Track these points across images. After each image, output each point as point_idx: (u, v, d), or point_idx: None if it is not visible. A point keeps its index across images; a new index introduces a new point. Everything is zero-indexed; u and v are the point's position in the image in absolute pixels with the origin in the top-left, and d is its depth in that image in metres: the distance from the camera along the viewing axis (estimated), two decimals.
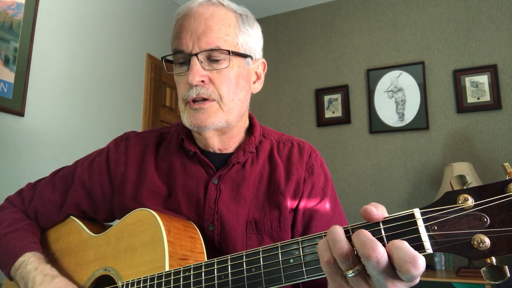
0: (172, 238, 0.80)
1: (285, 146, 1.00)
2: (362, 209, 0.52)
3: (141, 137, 1.04)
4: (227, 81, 0.87)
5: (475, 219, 0.45)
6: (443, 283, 2.68)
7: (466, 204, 0.46)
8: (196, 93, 0.85)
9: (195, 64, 0.84)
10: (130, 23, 3.12)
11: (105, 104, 2.81)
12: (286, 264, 0.59)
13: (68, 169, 1.07)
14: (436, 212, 0.47)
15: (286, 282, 0.59)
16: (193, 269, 0.71)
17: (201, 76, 0.84)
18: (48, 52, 2.37)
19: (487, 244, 0.44)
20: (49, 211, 1.03)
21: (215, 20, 0.86)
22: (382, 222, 0.51)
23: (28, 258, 0.93)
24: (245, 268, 0.64)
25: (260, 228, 0.89)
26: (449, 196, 0.48)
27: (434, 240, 0.47)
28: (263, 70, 1.00)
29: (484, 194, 0.46)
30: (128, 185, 0.96)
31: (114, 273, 0.86)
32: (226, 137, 0.95)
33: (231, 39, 0.87)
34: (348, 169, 3.54)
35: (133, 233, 0.86)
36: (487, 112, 3.15)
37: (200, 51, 0.84)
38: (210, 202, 0.91)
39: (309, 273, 0.57)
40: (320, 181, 0.96)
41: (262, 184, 0.94)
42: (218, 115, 0.87)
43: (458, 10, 3.35)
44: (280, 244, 0.61)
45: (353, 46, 3.71)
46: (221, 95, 0.87)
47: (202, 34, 0.84)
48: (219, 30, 0.86)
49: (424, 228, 0.48)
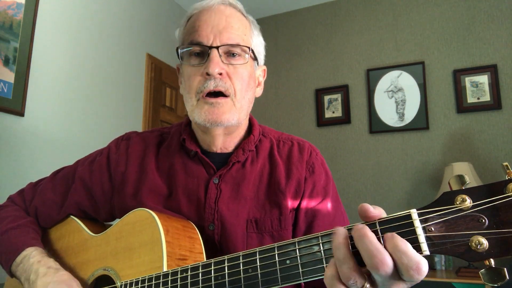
0: (171, 238, 0.80)
1: (285, 145, 1.00)
2: (360, 206, 0.51)
3: (142, 137, 1.04)
4: (242, 78, 0.89)
5: (473, 220, 0.45)
6: (443, 283, 2.68)
7: (464, 204, 0.45)
8: (214, 85, 0.86)
9: (216, 55, 0.86)
10: (130, 23, 3.12)
11: (105, 104, 2.81)
12: (283, 265, 0.59)
13: (69, 168, 1.08)
14: (434, 213, 0.47)
15: (282, 283, 0.59)
16: (191, 270, 0.70)
17: (221, 68, 0.86)
18: (48, 52, 2.36)
19: (485, 246, 0.43)
20: (49, 210, 1.04)
21: (235, 19, 0.90)
22: (379, 223, 0.51)
23: (30, 252, 0.93)
24: (242, 268, 0.64)
25: (260, 227, 0.89)
26: (446, 196, 0.47)
27: (431, 241, 0.47)
28: (263, 77, 1.04)
29: (483, 195, 0.45)
30: (128, 185, 0.96)
31: (113, 273, 0.86)
32: (229, 137, 0.96)
33: (248, 39, 0.92)
34: (348, 169, 3.54)
35: (132, 233, 0.85)
36: (487, 112, 3.15)
37: (222, 45, 0.86)
38: (211, 201, 0.91)
39: (306, 274, 0.56)
40: (321, 180, 0.96)
41: (262, 183, 0.94)
42: (232, 112, 0.88)
43: (458, 10, 3.35)
44: (277, 245, 0.60)
45: (353, 46, 3.71)
46: (236, 91, 0.88)
47: (224, 29, 0.87)
48: (239, 29, 0.89)
49: (422, 229, 0.47)
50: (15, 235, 0.96)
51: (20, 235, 0.97)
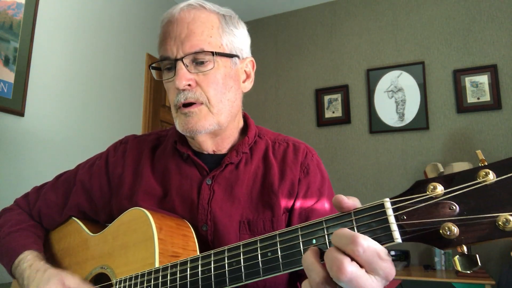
0: (163, 236, 0.82)
1: (280, 146, 0.99)
2: (334, 197, 0.52)
3: (138, 140, 1.06)
4: (214, 82, 0.88)
5: (445, 208, 0.45)
6: (443, 283, 2.68)
7: (435, 192, 0.45)
8: (184, 98, 0.86)
9: (181, 68, 0.85)
10: (130, 23, 3.14)
11: (105, 104, 2.83)
12: (264, 258, 0.59)
13: (70, 172, 1.11)
14: (406, 201, 0.47)
15: (264, 275, 0.59)
16: (180, 265, 0.72)
17: (187, 80, 0.85)
18: (48, 52, 2.38)
19: (455, 233, 0.44)
20: (52, 212, 1.07)
21: (197, 23, 0.87)
22: (354, 213, 0.51)
23: (25, 256, 0.96)
24: (227, 262, 0.64)
25: (253, 228, 0.90)
26: (419, 185, 0.47)
27: (403, 229, 0.47)
28: (253, 68, 1.00)
29: (454, 182, 0.45)
30: (124, 187, 0.98)
31: (110, 271, 0.88)
32: (219, 139, 0.96)
33: (215, 40, 0.88)
34: (348, 169, 3.54)
35: (127, 232, 0.88)
36: (487, 112, 3.14)
37: (185, 55, 0.85)
38: (204, 202, 0.91)
39: (285, 266, 0.57)
40: (316, 181, 0.95)
41: (256, 184, 0.94)
42: (208, 118, 0.88)
43: (458, 10, 3.34)
44: (259, 238, 0.61)
45: (353, 46, 3.71)
46: (209, 98, 0.87)
47: (185, 39, 0.86)
48: (202, 33, 0.87)
49: (394, 217, 0.48)
50: (15, 238, 1.00)
51: (19, 238, 1.00)
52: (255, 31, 4.18)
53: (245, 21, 0.99)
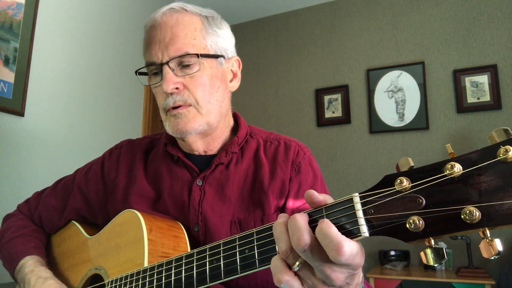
0: (153, 237, 0.84)
1: (271, 145, 1.00)
2: (305, 192, 0.53)
3: (132, 145, 1.09)
4: (201, 84, 0.89)
5: (411, 201, 0.45)
6: (443, 283, 2.67)
7: (402, 186, 0.46)
8: (173, 102, 0.88)
9: (168, 72, 0.86)
10: (130, 23, 3.15)
11: (105, 104, 2.84)
12: (242, 255, 0.61)
13: (69, 177, 1.14)
14: (374, 195, 0.47)
15: (242, 272, 0.60)
16: (165, 264, 0.74)
17: (174, 84, 0.87)
18: (48, 52, 2.39)
19: (420, 225, 0.44)
20: (52, 217, 1.11)
21: (181, 26, 0.88)
22: (325, 208, 0.52)
23: (26, 261, 0.98)
24: (208, 260, 0.66)
25: (244, 228, 0.90)
26: (387, 179, 0.48)
27: (370, 223, 0.48)
28: (239, 67, 1.01)
29: (421, 176, 0.45)
30: (118, 190, 1.01)
31: (103, 271, 0.91)
32: (210, 138, 0.97)
33: (199, 42, 0.89)
34: (348, 169, 3.53)
35: (120, 233, 0.90)
36: (487, 112, 3.13)
37: (170, 59, 0.86)
38: (194, 203, 0.92)
39: (261, 262, 0.58)
40: (308, 179, 0.95)
41: (246, 184, 0.94)
42: (197, 119, 0.89)
43: (458, 10, 3.33)
44: (238, 236, 0.62)
45: (353, 46, 3.71)
46: (197, 99, 0.88)
47: (169, 42, 0.87)
48: (186, 36, 0.88)
49: (362, 212, 0.48)
50: (16, 244, 1.03)
51: (20, 244, 1.03)
52: (255, 31, 4.19)
53: (245, 21, 1.00)
